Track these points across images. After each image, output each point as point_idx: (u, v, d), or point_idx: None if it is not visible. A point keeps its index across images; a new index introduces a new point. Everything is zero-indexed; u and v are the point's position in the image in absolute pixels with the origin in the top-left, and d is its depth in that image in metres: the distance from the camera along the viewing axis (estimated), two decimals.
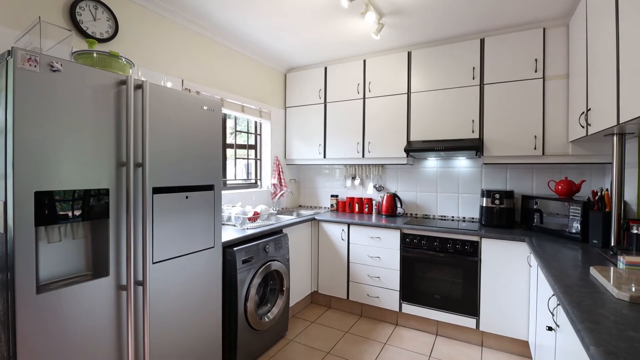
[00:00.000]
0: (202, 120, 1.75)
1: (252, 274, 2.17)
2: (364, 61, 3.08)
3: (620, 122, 1.41)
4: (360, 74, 3.11)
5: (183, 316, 1.65)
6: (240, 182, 3.21)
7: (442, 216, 3.06)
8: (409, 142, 2.87)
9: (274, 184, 3.36)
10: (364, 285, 2.84)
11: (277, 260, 2.42)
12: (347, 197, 3.44)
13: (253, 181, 3.36)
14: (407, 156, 2.85)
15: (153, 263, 1.50)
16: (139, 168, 1.43)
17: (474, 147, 2.49)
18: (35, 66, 1.09)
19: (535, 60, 2.39)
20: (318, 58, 3.28)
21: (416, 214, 3.18)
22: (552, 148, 2.38)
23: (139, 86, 1.41)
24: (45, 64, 1.13)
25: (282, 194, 3.35)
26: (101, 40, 1.89)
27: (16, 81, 1.06)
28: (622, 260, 1.45)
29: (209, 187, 1.80)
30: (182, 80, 2.42)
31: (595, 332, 0.92)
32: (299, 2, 2.19)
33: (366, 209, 3.31)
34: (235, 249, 2.08)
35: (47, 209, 1.15)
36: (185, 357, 1.67)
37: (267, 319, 2.30)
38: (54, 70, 1.15)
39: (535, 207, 2.45)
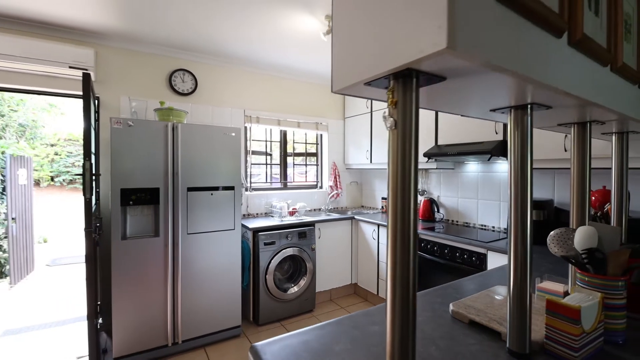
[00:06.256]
0: (225, 142, 2.56)
1: (272, 254, 2.84)
2: None
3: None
4: None
5: (210, 275, 2.51)
6: (302, 183, 3.91)
7: (482, 225, 2.79)
8: (437, 145, 2.81)
9: (330, 186, 3.89)
10: None
11: (300, 248, 2.99)
12: None
13: (314, 183, 4.01)
14: (427, 161, 2.80)
15: (187, 234, 2.42)
16: (177, 175, 2.36)
17: (487, 151, 2.27)
18: (119, 125, 2.16)
19: None
20: None
21: (457, 221, 3.00)
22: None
23: (176, 127, 2.35)
24: (126, 122, 2.18)
25: (336, 194, 3.84)
26: (186, 94, 3.01)
27: (112, 133, 2.14)
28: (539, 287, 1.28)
29: (231, 188, 2.60)
30: (244, 110, 3.35)
31: (337, 324, 1.11)
32: (318, 35, 2.68)
33: None
34: (260, 233, 2.81)
35: (127, 197, 2.21)
36: (210, 302, 2.52)
37: (288, 293, 2.92)
38: (130, 126, 2.19)
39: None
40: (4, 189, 4.23)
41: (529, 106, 0.84)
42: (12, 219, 4.02)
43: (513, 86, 0.66)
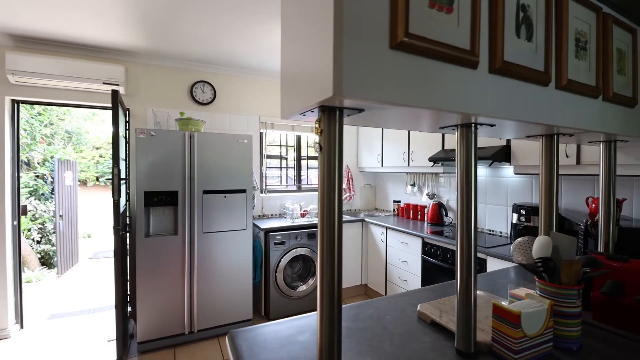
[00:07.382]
0: (238, 149, 2.76)
1: (282, 253, 3.00)
2: None
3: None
4: None
5: (224, 271, 2.71)
6: (316, 185, 4.05)
7: (490, 230, 2.76)
8: (444, 150, 2.82)
9: (343, 188, 3.98)
10: (396, 286, 3.05)
11: (310, 248, 3.12)
12: (405, 203, 3.60)
13: None
14: (432, 165, 2.82)
15: (203, 233, 2.64)
16: (194, 179, 2.59)
17: (488, 156, 2.27)
18: (143, 134, 2.41)
19: None
20: None
21: None
22: (590, 155, 1.87)
23: (193, 136, 2.58)
24: (149, 133, 2.44)
25: (348, 197, 3.93)
26: (206, 104, 3.26)
27: (137, 141, 2.41)
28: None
29: (242, 191, 2.79)
30: (260, 117, 3.54)
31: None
32: None
33: (419, 216, 3.38)
34: (271, 233, 2.98)
35: (150, 199, 2.46)
36: (224, 296, 2.73)
37: (297, 291, 3.07)
38: (152, 135, 2.45)
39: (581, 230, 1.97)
40: (52, 189, 4.77)
41: (473, 125, 0.91)
42: (60, 216, 4.53)
43: (432, 115, 0.75)
